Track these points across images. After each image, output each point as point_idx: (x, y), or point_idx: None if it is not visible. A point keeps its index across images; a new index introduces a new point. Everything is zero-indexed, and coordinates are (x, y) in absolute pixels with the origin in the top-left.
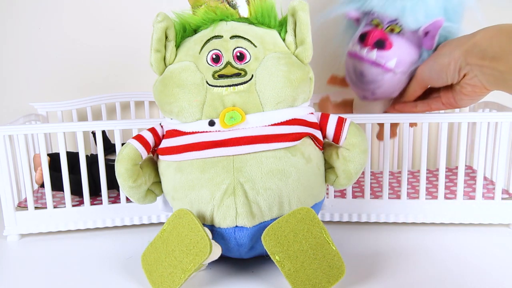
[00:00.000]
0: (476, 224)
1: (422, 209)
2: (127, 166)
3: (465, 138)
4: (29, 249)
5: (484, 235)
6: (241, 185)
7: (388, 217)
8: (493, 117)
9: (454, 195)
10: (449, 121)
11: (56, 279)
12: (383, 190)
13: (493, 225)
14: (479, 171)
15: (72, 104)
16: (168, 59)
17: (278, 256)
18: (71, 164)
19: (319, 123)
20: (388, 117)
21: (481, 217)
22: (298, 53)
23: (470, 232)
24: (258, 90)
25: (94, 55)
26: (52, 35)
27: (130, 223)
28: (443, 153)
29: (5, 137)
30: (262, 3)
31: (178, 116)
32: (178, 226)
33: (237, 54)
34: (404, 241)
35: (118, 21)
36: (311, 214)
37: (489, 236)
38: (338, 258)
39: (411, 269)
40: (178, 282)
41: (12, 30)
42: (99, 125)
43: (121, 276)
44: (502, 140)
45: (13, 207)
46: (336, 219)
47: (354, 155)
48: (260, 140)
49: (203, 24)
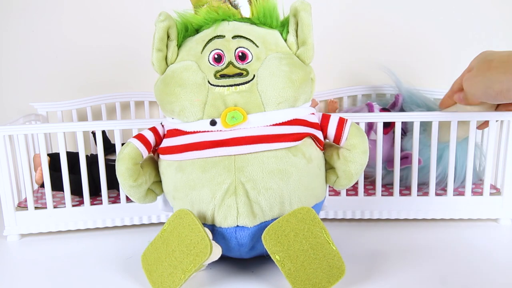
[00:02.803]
0: (465, 220)
1: (414, 206)
2: (127, 165)
3: (455, 135)
4: (29, 249)
5: (473, 230)
6: (242, 184)
7: (381, 214)
8: (482, 116)
9: (444, 191)
10: (440, 119)
11: (56, 279)
12: (376, 188)
13: (482, 220)
14: (468, 167)
15: (72, 104)
16: (170, 59)
17: (278, 255)
18: (71, 164)
19: (320, 123)
20: (381, 116)
21: (470, 213)
22: (300, 53)
23: (461, 227)
24: (259, 90)
25: (94, 55)
26: (52, 36)
27: (130, 223)
28: (434, 151)
29: (5, 137)
30: (264, 3)
31: (180, 116)
32: (179, 226)
33: (239, 54)
34: (398, 238)
35: (118, 21)
36: (312, 214)
37: (478, 231)
38: (338, 258)
39: (407, 266)
40: (178, 283)
41: (13, 31)
42: (99, 125)
43: (121, 276)
44: (490, 137)
45: (13, 207)
46: (331, 216)
47: (355, 156)
48: (262, 140)
49: (205, 24)
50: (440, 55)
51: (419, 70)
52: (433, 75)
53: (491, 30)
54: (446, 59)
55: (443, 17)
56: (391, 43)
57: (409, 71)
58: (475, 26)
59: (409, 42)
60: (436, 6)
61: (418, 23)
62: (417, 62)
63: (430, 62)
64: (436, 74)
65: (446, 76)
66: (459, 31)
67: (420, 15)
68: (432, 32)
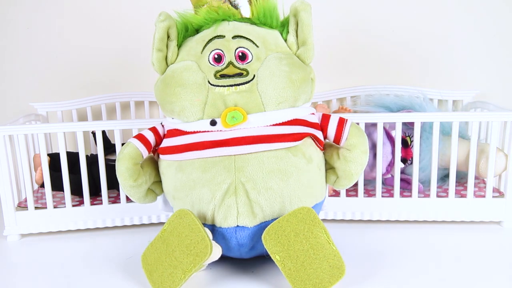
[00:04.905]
0: (467, 222)
1: (415, 207)
2: (127, 165)
3: (456, 137)
4: (29, 249)
5: (476, 232)
6: (242, 184)
7: (381, 215)
8: (484, 117)
9: (446, 194)
10: (441, 120)
11: (56, 279)
12: (376, 189)
13: (485, 223)
14: (470, 170)
15: (72, 104)
16: (170, 59)
17: (278, 255)
18: (71, 164)
19: (320, 123)
20: (382, 116)
21: (473, 215)
22: (300, 53)
23: (463, 229)
24: (259, 90)
25: (94, 55)
26: (53, 36)
27: (130, 223)
28: (435, 153)
29: (5, 137)
30: (264, 3)
31: (180, 116)
32: (179, 226)
33: (239, 54)
34: (399, 239)
35: (118, 21)
36: (312, 214)
37: (481, 233)
38: (339, 258)
39: (408, 267)
40: (178, 283)
41: (13, 31)
42: (99, 125)
43: (121, 276)
44: (493, 139)
45: (13, 207)
46: (331, 217)
47: (355, 156)
48: (262, 140)
49: (205, 24)
50: (440, 55)
51: (419, 70)
52: (433, 75)
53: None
54: (446, 59)
55: (443, 17)
56: (391, 43)
57: (409, 71)
58: (475, 26)
59: (409, 42)
60: (436, 6)
61: (418, 23)
62: (417, 62)
63: (431, 62)
64: (436, 74)
65: (446, 76)
66: (459, 31)
67: (420, 15)
68: (432, 32)
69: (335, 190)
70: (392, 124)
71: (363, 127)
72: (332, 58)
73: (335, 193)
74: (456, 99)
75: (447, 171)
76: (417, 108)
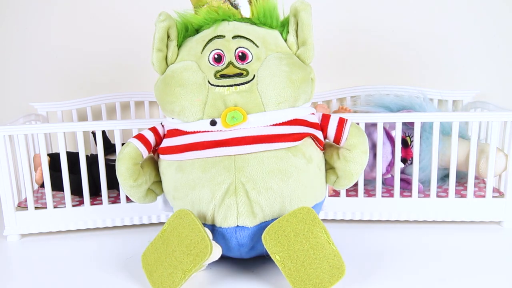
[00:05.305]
0: (467, 222)
1: (415, 207)
2: (127, 165)
3: (456, 137)
4: (29, 249)
5: (476, 232)
6: (242, 184)
7: (381, 215)
8: (484, 117)
9: (446, 194)
10: (441, 120)
11: (56, 279)
12: (376, 189)
13: (485, 223)
14: (470, 170)
15: (72, 104)
16: (170, 59)
17: (278, 255)
18: (71, 164)
19: (320, 123)
20: (382, 116)
21: (473, 215)
22: (300, 53)
23: (463, 229)
24: (259, 90)
25: (94, 55)
26: (53, 36)
27: (130, 223)
28: (435, 153)
29: (5, 137)
30: (264, 3)
31: (180, 116)
32: (179, 226)
33: (239, 54)
34: (399, 239)
35: (118, 21)
36: (312, 214)
37: (481, 233)
38: (339, 258)
39: (408, 267)
40: (178, 283)
41: (13, 31)
42: (99, 125)
43: (121, 276)
44: (492, 139)
45: (13, 207)
46: (331, 217)
47: (355, 156)
48: (262, 140)
49: (205, 24)
50: (440, 55)
51: (419, 70)
52: (433, 75)
53: (491, 30)
54: (446, 59)
55: (443, 17)
56: (391, 43)
57: (409, 71)
58: (475, 26)
59: (409, 42)
60: (436, 6)
61: (418, 24)
62: (417, 62)
63: (431, 62)
64: (436, 74)
65: (446, 76)
66: (459, 31)
67: (420, 15)
68: (432, 32)
69: (335, 190)
70: (392, 124)
71: (363, 127)
72: (332, 58)
73: (335, 193)
74: (456, 99)
75: (447, 171)
76: (417, 108)
